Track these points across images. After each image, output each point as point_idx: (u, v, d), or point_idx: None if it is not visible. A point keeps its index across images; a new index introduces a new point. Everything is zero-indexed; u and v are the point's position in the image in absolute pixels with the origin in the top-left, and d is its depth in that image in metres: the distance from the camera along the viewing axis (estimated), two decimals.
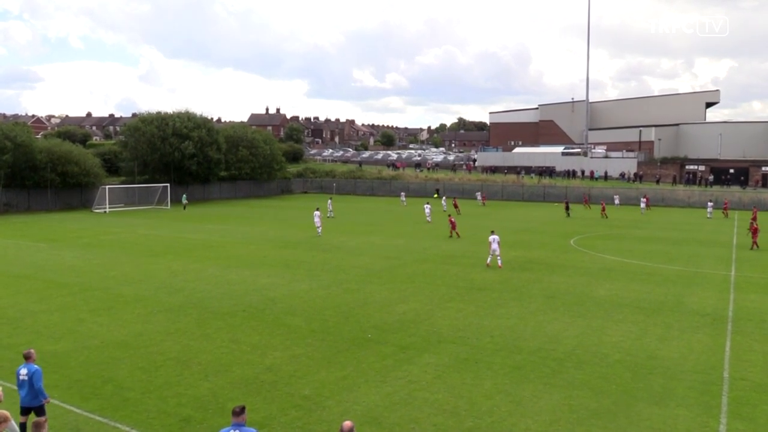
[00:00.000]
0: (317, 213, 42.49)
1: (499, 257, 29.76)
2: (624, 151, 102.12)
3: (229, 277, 26.88)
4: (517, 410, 12.92)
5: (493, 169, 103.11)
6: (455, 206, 59.75)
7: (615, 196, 70.48)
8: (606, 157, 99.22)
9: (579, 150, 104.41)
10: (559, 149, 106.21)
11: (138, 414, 12.61)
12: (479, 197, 71.33)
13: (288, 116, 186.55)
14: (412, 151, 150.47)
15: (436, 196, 79.69)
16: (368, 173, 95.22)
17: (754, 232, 37.84)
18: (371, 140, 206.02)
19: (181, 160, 70.02)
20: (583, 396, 13.71)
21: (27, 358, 11.24)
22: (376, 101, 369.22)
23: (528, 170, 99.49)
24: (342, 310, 21.12)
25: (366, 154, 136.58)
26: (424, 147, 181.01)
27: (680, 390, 14.17)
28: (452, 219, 42.01)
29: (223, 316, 20.30)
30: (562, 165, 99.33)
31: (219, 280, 26.22)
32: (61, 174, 60.39)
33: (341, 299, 22.72)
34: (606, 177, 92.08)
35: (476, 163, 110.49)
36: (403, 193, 72.99)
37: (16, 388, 11.45)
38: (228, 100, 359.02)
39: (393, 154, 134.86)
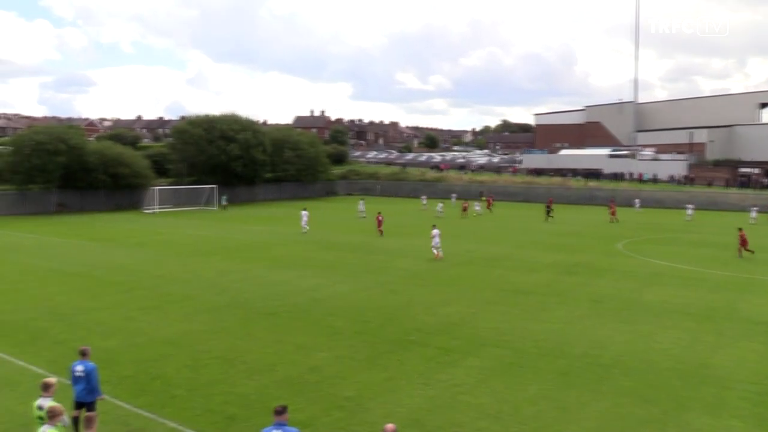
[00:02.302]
0: (305, 213, 44.43)
1: (439, 249, 32.49)
2: (674, 153, 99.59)
3: (273, 277, 27.18)
4: (562, 416, 12.70)
5: (538, 172, 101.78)
6: (489, 206, 59.40)
7: (636, 200, 68.78)
8: (655, 159, 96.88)
9: (627, 152, 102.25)
10: (606, 151, 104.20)
11: (184, 411, 12.84)
12: (476, 206, 69.45)
13: (332, 118, 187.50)
14: (456, 154, 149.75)
15: (482, 198, 79.08)
16: (412, 175, 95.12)
17: None
18: (415, 142, 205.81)
19: (228, 161, 71.19)
20: (630, 404, 13.39)
21: (83, 354, 11.52)
22: (420, 103, 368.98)
23: (574, 172, 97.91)
24: (385, 311, 21.14)
25: (410, 156, 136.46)
26: (468, 149, 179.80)
27: (733, 400, 13.71)
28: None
29: (268, 316, 20.53)
30: (609, 167, 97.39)
31: (264, 280, 26.54)
32: (112, 175, 62.03)
33: (384, 301, 22.74)
34: (655, 180, 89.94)
35: (521, 165, 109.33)
36: (424, 196, 71.85)
37: (69, 382, 11.79)
38: (273, 102, 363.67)
39: (437, 156, 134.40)
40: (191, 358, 16.14)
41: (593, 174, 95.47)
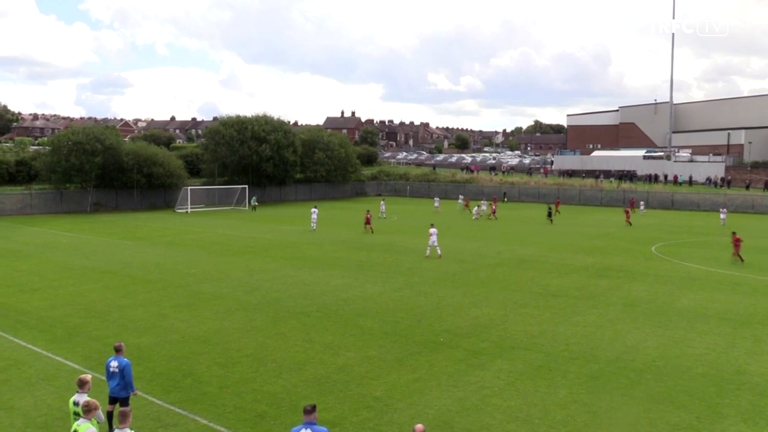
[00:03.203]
0: (315, 210, 46.48)
1: (438, 247, 33.29)
2: (710, 154, 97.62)
3: (303, 277, 27.39)
4: (593, 421, 12.57)
5: (570, 173, 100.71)
6: (493, 211, 59.06)
7: (641, 203, 67.53)
8: (691, 161, 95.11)
9: (662, 153, 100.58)
10: (641, 152, 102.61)
11: (215, 408, 13.02)
12: (461, 199, 69.39)
13: (363, 119, 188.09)
14: (487, 155, 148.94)
15: (505, 200, 78.69)
16: (442, 176, 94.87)
17: None
18: (445, 143, 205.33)
19: (259, 162, 71.81)
20: (663, 410, 13.18)
21: (117, 350, 11.77)
22: (451, 104, 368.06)
23: (607, 174, 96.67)
24: (414, 312, 21.15)
25: (440, 157, 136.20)
26: (499, 150, 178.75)
27: None
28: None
29: (298, 315, 20.70)
30: (643, 169, 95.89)
31: (294, 280, 26.76)
32: (146, 175, 62.94)
33: (414, 302, 22.77)
34: (691, 182, 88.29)
35: (553, 167, 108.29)
36: (437, 198, 71.33)
37: (104, 378, 12.04)
38: (304, 103, 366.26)
39: (467, 158, 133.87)
40: (222, 356, 16.35)
41: (627, 176, 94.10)
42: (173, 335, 18.31)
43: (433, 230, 33.99)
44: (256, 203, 65.49)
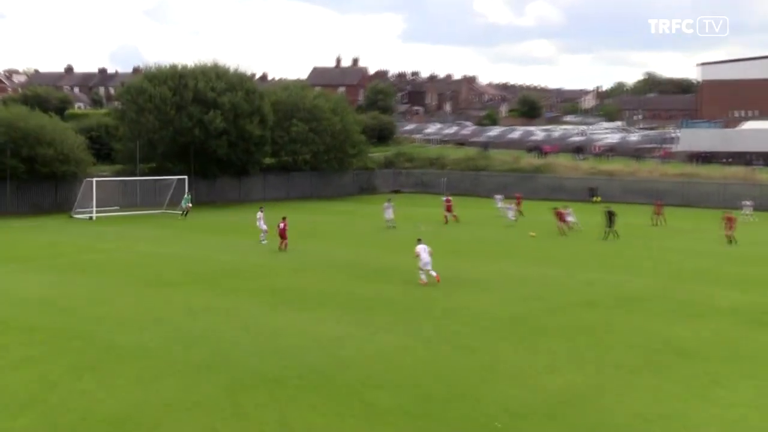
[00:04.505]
0: (260, 215, 48.73)
1: (432, 271, 34.70)
2: None
3: (276, 321, 27.33)
4: None
5: (706, 157, 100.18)
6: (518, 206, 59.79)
7: (746, 203, 67.10)
8: None
9: None
10: None
11: None
12: (502, 203, 67.74)
13: (371, 71, 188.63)
14: (569, 127, 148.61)
15: (597, 199, 78.30)
16: (498, 162, 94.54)
17: None
18: (503, 109, 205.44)
19: (206, 139, 72.12)
20: None
21: None
22: (512, 47, 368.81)
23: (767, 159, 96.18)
24: (453, 381, 21.04)
25: (494, 132, 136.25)
26: (588, 120, 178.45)
27: None
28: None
29: (268, 383, 20.61)
30: None
31: (261, 325, 26.68)
32: (26, 160, 63.21)
33: (453, 364, 22.67)
34: None
35: (676, 147, 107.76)
36: (498, 196, 70.20)
37: None
38: (279, 45, 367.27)
39: (538, 132, 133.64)
40: None
41: None
42: (69, 415, 18.25)
43: (421, 247, 35.21)
44: (190, 205, 64.61)
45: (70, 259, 41.43)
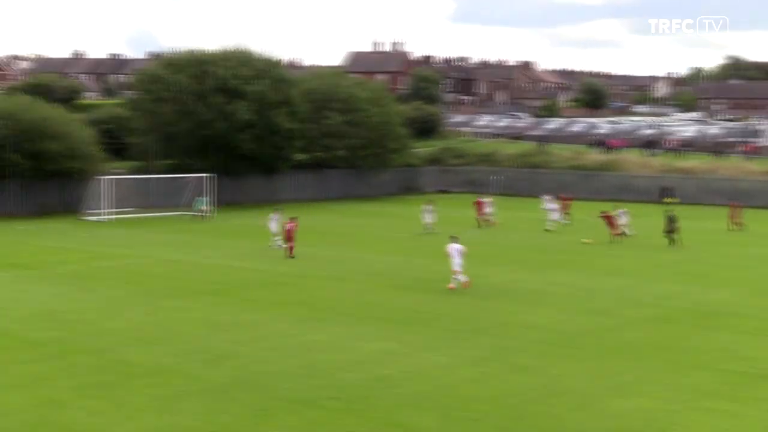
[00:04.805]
0: (275, 216, 48.83)
1: (460, 275, 35.16)
2: None
3: (308, 337, 27.29)
4: None
5: None
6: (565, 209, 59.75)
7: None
8: None
9: None
10: None
11: None
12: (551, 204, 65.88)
13: (414, 56, 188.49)
14: (639, 119, 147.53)
15: (669, 200, 77.67)
16: (557, 158, 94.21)
17: None
18: (563, 98, 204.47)
19: (230, 132, 72.36)
20: None
21: None
22: (573, 28, 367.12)
23: None
24: (506, 403, 20.88)
25: (553, 125, 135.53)
26: (661, 111, 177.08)
27: None
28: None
29: (298, 405, 20.55)
30: None
31: (291, 342, 26.68)
32: (31, 156, 63.56)
33: (505, 384, 22.52)
34: None
35: (764, 142, 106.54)
36: (547, 196, 68.84)
37: None
38: (311, 29, 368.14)
39: (602, 125, 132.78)
40: None
41: None
42: None
43: (454, 246, 35.37)
44: (206, 207, 65.19)
45: (79, 266, 41.72)
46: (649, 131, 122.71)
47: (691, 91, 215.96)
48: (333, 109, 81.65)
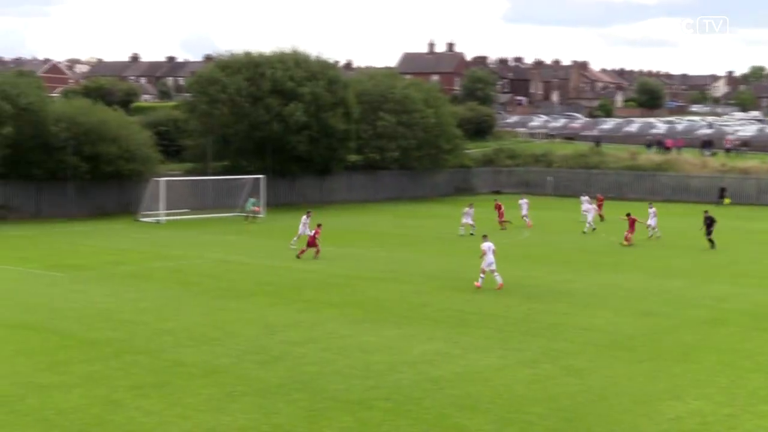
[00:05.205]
0: (306, 219, 48.66)
1: (496, 274, 35.81)
2: None
3: (361, 338, 27.41)
4: None
5: None
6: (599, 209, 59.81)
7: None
8: None
9: None
10: None
11: None
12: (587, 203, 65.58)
13: (468, 57, 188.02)
14: (696, 119, 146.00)
15: (727, 201, 76.88)
16: (612, 159, 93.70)
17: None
18: (619, 98, 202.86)
19: (284, 134, 72.71)
20: None
21: None
22: (629, 27, 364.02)
23: None
24: (559, 405, 20.80)
25: (609, 125, 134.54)
26: (719, 110, 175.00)
27: None
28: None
29: (352, 406, 20.62)
30: None
31: (345, 342, 26.81)
32: (89, 158, 64.48)
33: (558, 386, 22.44)
34: None
35: None
36: (585, 197, 68.23)
37: None
38: (365, 30, 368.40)
39: (659, 124, 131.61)
40: None
41: None
42: None
43: (487, 245, 36.03)
44: (256, 208, 65.24)
45: (135, 267, 42.19)
46: (706, 131, 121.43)
47: (752, 90, 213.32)
48: (386, 110, 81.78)
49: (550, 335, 28.11)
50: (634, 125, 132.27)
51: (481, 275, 35.90)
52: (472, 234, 54.58)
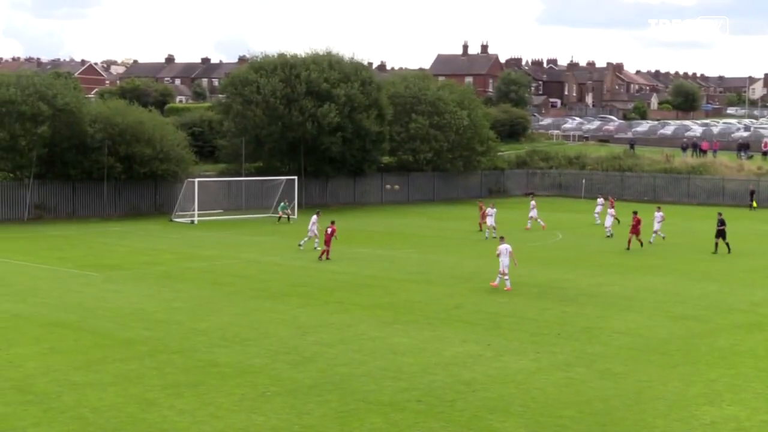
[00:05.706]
0: (315, 219, 49.02)
1: (506, 277, 36.12)
2: None
3: (393, 339, 27.47)
4: None
5: None
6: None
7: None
8: None
9: None
10: None
11: None
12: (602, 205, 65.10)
13: (502, 59, 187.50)
14: (732, 122, 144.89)
15: (755, 205, 76.40)
16: (647, 161, 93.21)
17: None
18: (654, 101, 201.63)
19: (318, 135, 72.76)
20: None
21: None
22: (664, 29, 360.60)
23: None
24: (593, 409, 20.78)
25: (643, 127, 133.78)
26: (756, 113, 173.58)
27: None
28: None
29: (383, 407, 20.68)
30: None
31: (376, 344, 26.88)
32: (124, 158, 65.04)
33: (592, 390, 22.41)
34: None
35: None
36: (600, 199, 68.34)
37: None
38: (398, 32, 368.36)
39: (694, 127, 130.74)
40: None
41: None
42: None
43: (503, 247, 36.45)
44: (289, 211, 65.03)
45: (169, 267, 42.49)
46: (742, 134, 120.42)
47: None
48: (419, 112, 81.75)
49: (584, 339, 28.09)
50: (669, 128, 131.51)
51: (504, 276, 36.07)
52: (494, 237, 54.27)
